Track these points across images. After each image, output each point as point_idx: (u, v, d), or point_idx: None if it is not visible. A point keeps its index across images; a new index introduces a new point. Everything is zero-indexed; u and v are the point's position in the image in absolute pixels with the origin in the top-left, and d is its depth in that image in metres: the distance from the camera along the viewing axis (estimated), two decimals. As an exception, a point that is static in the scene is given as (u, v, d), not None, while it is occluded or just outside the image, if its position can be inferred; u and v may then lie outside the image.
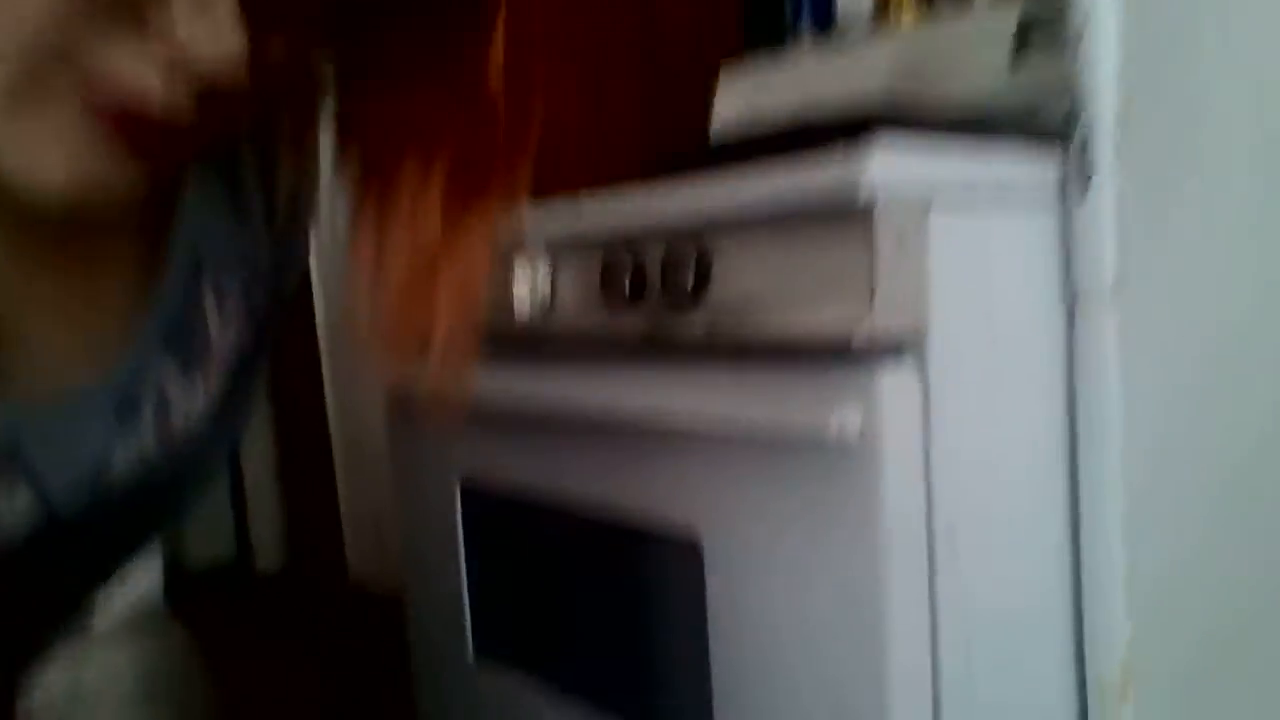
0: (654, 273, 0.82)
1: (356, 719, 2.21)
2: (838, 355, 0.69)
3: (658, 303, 0.82)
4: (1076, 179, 0.78)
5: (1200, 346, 0.74)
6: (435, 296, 0.44)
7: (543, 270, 0.94)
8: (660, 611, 0.90)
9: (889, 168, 0.67)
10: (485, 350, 0.85)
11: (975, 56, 1.36)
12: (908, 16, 1.62)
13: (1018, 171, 0.77)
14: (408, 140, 0.43)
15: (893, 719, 0.68)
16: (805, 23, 1.82)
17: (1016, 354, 0.75)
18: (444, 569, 1.17)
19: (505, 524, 1.10)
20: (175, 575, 3.43)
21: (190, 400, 0.52)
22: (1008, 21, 1.36)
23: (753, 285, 0.75)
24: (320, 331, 2.50)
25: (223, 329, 0.54)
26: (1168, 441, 0.76)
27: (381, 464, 2.27)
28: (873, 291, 0.66)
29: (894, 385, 0.67)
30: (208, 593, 3.34)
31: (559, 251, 0.93)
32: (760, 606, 0.77)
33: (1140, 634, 0.76)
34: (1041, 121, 0.83)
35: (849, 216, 0.67)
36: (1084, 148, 0.78)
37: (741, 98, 1.64)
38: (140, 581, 3.31)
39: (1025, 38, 1.33)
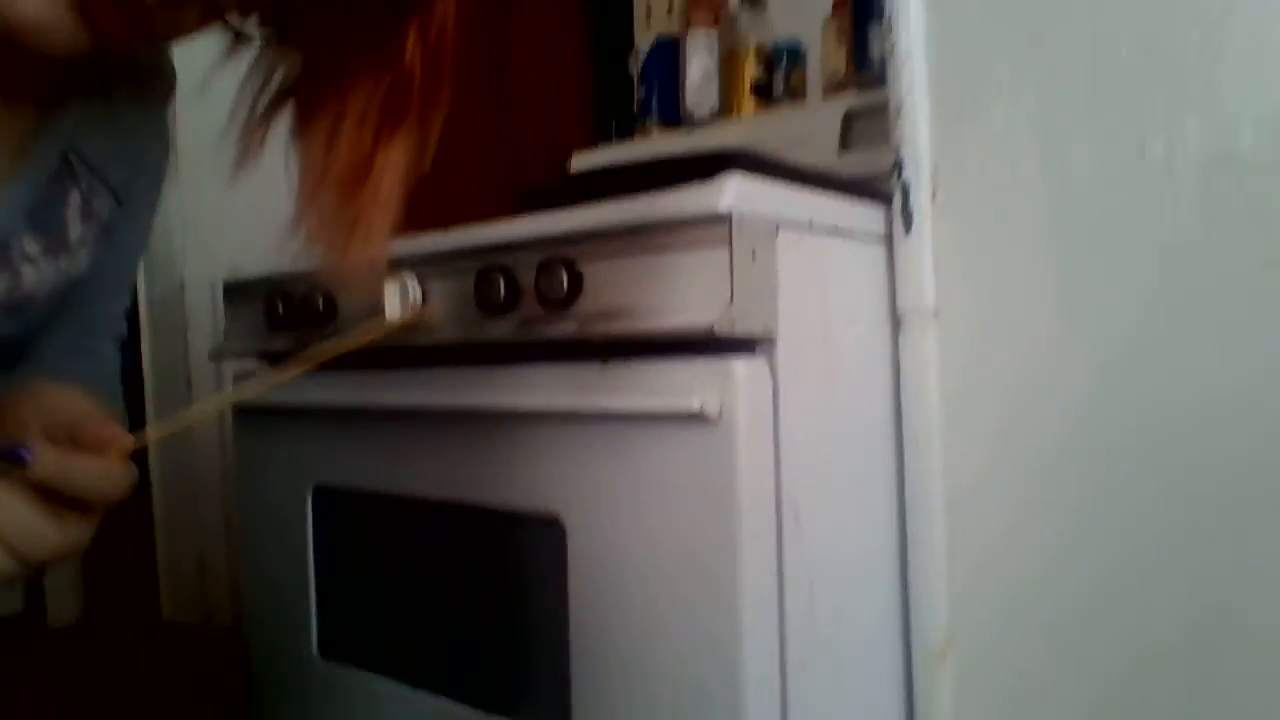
0: (527, 283, 0.90)
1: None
2: (699, 348, 0.79)
3: (529, 311, 0.90)
4: (900, 222, 0.93)
5: (1007, 359, 0.88)
6: (363, 194, 0.60)
7: (413, 284, 1.00)
8: (520, 591, 0.96)
9: (745, 192, 0.78)
10: (353, 358, 0.91)
11: (810, 140, 1.52)
12: (748, 110, 1.78)
13: (852, 215, 0.91)
14: (351, 85, 0.59)
15: (744, 680, 0.76)
16: (653, 117, 1.95)
17: (851, 357, 0.88)
18: (290, 575, 1.18)
19: (358, 525, 1.13)
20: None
21: (41, 278, 0.66)
22: (838, 111, 1.53)
23: (620, 294, 0.84)
24: (147, 387, 2.43)
25: (81, 237, 0.68)
26: (981, 438, 0.89)
27: (204, 502, 2.23)
28: (731, 292, 0.76)
29: (748, 373, 0.77)
30: (-8, 647, 3.10)
31: (431, 269, 0.99)
32: (620, 575, 0.84)
33: (958, 604, 0.88)
34: (868, 186, 0.97)
35: (710, 230, 0.78)
36: (905, 198, 0.93)
37: (597, 163, 1.75)
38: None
39: (851, 124, 1.51)
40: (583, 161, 1.88)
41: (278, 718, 1.24)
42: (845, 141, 1.50)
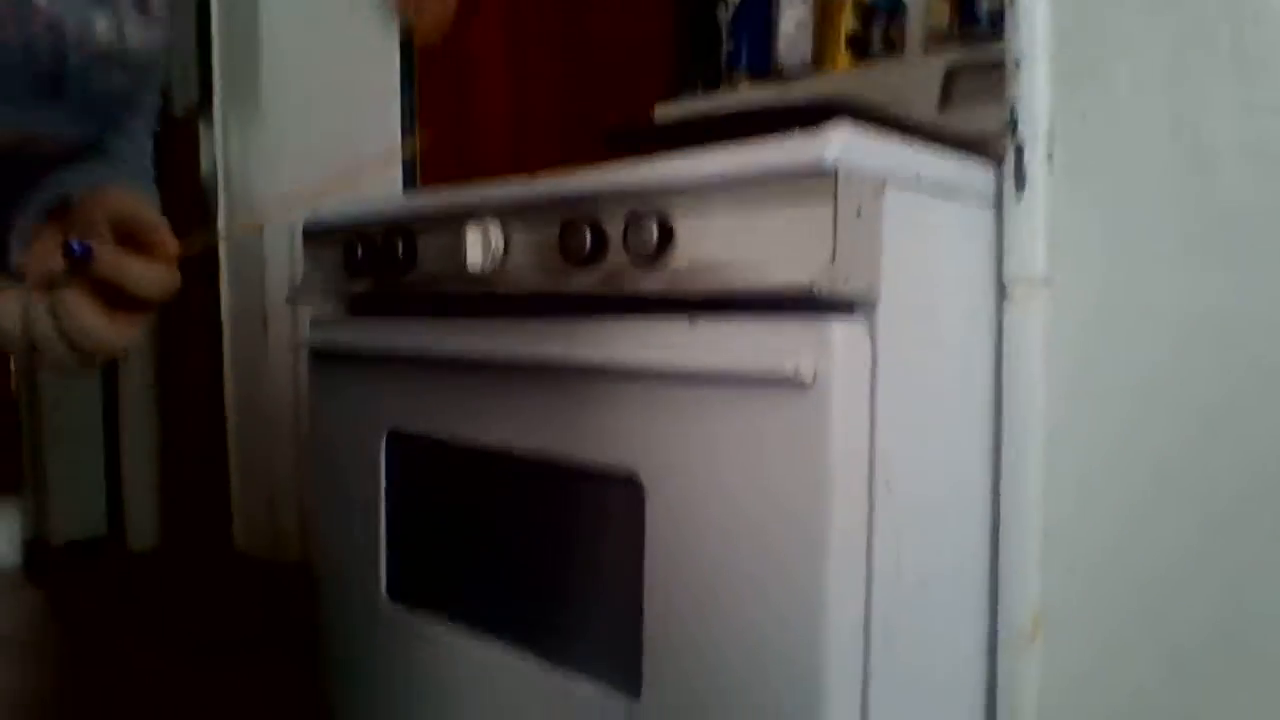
0: (615, 235, 0.86)
1: (239, 680, 2.17)
2: (793, 308, 0.75)
3: (616, 263, 0.86)
4: (1012, 184, 0.87)
5: (1122, 335, 0.83)
6: None
7: (496, 232, 0.97)
8: (595, 548, 0.93)
9: (852, 144, 0.73)
10: (433, 304, 0.88)
11: (907, 96, 1.45)
12: (842, 64, 1.72)
13: (961, 173, 0.86)
14: None
15: (827, 646, 0.73)
16: (742, 68, 1.90)
17: (953, 324, 0.83)
18: (362, 518, 1.18)
19: (432, 472, 1.12)
20: (38, 548, 3.29)
21: (138, 29, 0.71)
22: (938, 66, 1.46)
23: (713, 249, 0.80)
24: (225, 326, 2.46)
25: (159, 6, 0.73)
26: (1084, 412, 0.84)
27: (276, 440, 2.25)
28: (834, 251, 0.72)
29: (847, 336, 0.73)
30: (73, 565, 3.22)
31: (515, 217, 0.96)
32: (699, 539, 0.81)
33: (1051, 583, 0.84)
34: (978, 144, 0.92)
35: (814, 184, 0.73)
36: (1019, 158, 0.87)
37: (681, 114, 1.71)
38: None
39: (953, 81, 1.44)
40: (666, 113, 1.83)
41: (344, 655, 1.24)
42: (946, 99, 1.43)
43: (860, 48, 1.67)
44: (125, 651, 2.47)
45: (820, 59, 1.72)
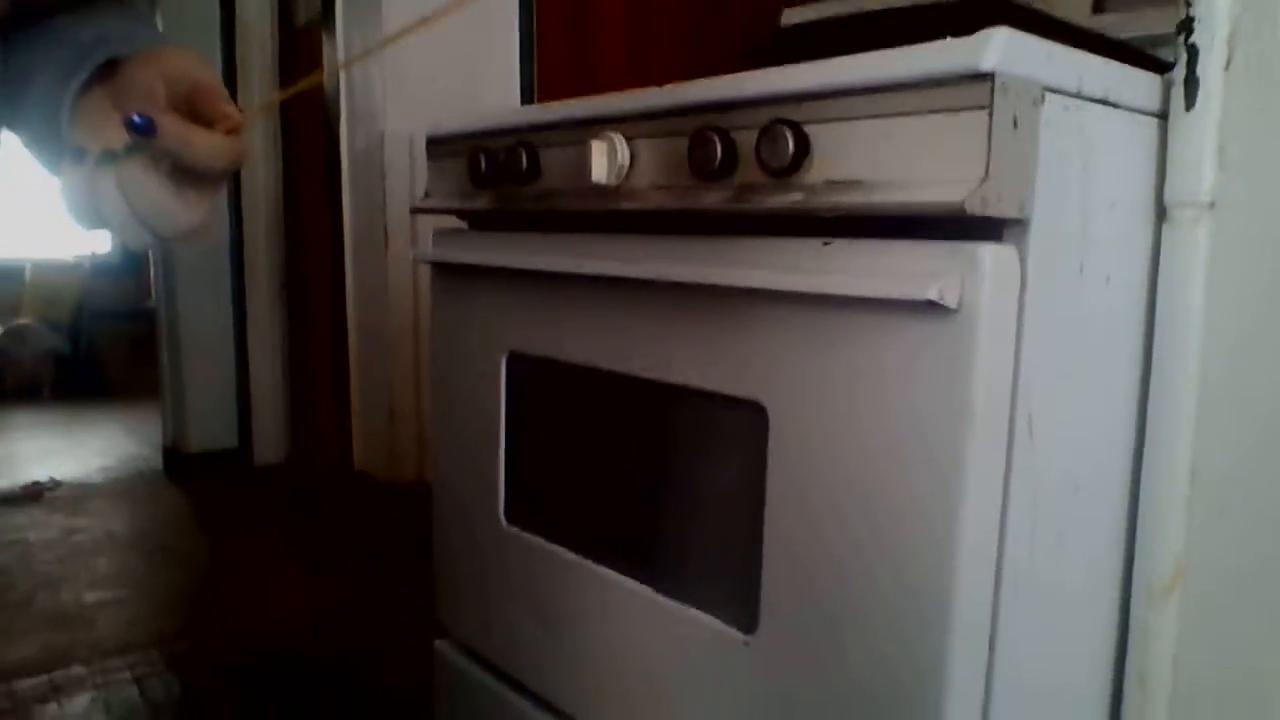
0: (747, 147, 0.82)
1: (352, 590, 2.25)
2: (935, 229, 0.71)
3: (748, 177, 0.82)
4: (1181, 94, 0.80)
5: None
6: None
7: (621, 144, 0.94)
8: (715, 477, 0.91)
9: (1012, 48, 0.67)
10: (556, 222, 0.85)
11: None
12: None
13: (1125, 82, 0.78)
14: None
15: (958, 582, 0.70)
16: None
17: (1107, 249, 0.77)
18: (481, 440, 1.18)
19: (552, 395, 1.11)
20: (175, 455, 3.46)
21: None
22: (1094, -33, 1.36)
23: (853, 164, 0.75)
24: (347, 239, 2.49)
25: None
26: (1243, 355, 0.77)
27: (396, 361, 2.29)
28: (987, 166, 0.66)
29: (997, 260, 0.68)
30: (205, 473, 3.38)
31: (640, 128, 0.93)
32: (826, 471, 0.78)
33: (1196, 533, 0.78)
34: (1141, 52, 0.84)
35: (968, 92, 0.68)
36: (1192, 65, 0.79)
37: (810, 19, 1.63)
38: (140, 455, 3.34)
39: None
40: (794, 17, 1.75)
41: (459, 575, 1.26)
42: (1101, 2, 1.33)
43: (1006, -51, 1.56)
44: (252, 554, 2.58)
45: (960, -38, 1.62)
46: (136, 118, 0.56)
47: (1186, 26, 0.80)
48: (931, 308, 0.69)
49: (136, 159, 0.57)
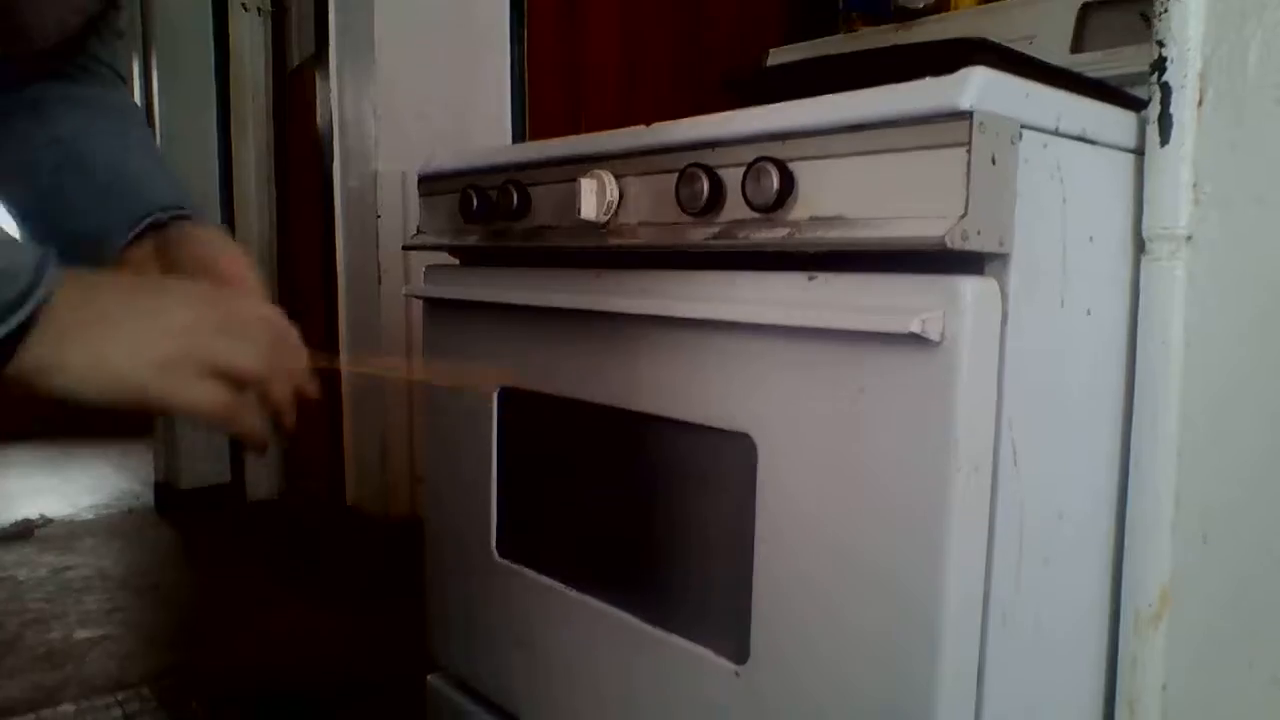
0: (733, 184, 0.84)
1: (348, 623, 2.25)
2: (919, 263, 0.72)
3: (734, 214, 0.84)
4: (1155, 131, 0.82)
5: (1268, 299, 0.77)
6: None
7: (610, 182, 0.95)
8: (705, 509, 0.92)
9: (990, 87, 0.69)
10: (545, 258, 0.86)
11: (1037, 39, 1.38)
12: (966, 3, 1.64)
13: (1102, 119, 0.80)
14: None
15: (946, 612, 0.71)
16: (858, 11, 1.82)
17: (1087, 283, 0.79)
18: (473, 473, 1.19)
19: (543, 428, 1.12)
20: (167, 491, 3.45)
21: None
22: (1071, 6, 1.39)
23: (837, 200, 0.77)
24: (340, 276, 2.50)
25: None
26: (1224, 382, 0.79)
27: (389, 396, 2.30)
28: (966, 202, 0.68)
29: (978, 294, 0.70)
30: (197, 509, 3.37)
31: (629, 166, 0.94)
32: (814, 503, 0.79)
33: (1181, 561, 0.79)
34: (1117, 90, 0.86)
35: (947, 130, 0.69)
36: (1165, 102, 0.81)
37: (795, 59, 1.66)
38: (131, 492, 3.31)
39: (1086, 21, 1.37)
40: (780, 58, 1.78)
41: (452, 610, 1.26)
42: (1079, 41, 1.35)
43: (986, -13, 1.59)
44: (244, 590, 2.57)
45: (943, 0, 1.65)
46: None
47: (1160, 65, 0.82)
48: (915, 340, 0.70)
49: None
